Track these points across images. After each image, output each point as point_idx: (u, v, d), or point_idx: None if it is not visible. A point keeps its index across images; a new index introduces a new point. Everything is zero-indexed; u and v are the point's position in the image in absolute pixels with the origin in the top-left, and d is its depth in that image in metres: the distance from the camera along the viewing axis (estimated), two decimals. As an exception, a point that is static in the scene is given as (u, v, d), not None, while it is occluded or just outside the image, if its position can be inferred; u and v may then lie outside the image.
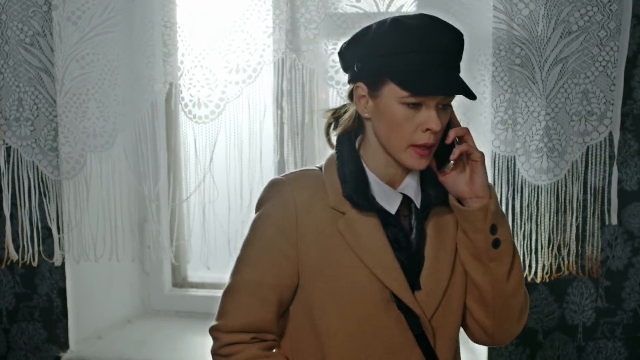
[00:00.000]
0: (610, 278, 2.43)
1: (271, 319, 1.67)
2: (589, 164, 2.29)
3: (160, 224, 2.55)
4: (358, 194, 1.62)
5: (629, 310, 2.44)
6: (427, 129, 1.54)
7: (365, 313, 1.63)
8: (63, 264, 2.63)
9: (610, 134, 2.25)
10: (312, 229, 1.64)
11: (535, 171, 2.25)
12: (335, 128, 1.73)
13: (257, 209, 1.70)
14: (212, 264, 2.52)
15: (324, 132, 1.76)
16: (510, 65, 2.20)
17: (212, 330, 1.72)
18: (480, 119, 2.27)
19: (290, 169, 2.40)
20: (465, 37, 1.59)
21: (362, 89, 1.60)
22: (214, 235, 2.52)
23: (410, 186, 1.66)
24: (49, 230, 2.58)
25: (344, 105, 1.73)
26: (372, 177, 1.66)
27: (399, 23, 1.54)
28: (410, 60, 1.51)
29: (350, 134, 1.69)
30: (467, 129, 1.61)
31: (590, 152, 2.28)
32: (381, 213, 1.63)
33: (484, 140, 2.25)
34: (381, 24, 1.56)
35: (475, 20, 2.24)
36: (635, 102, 2.34)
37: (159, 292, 2.95)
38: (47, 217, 2.57)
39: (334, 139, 1.71)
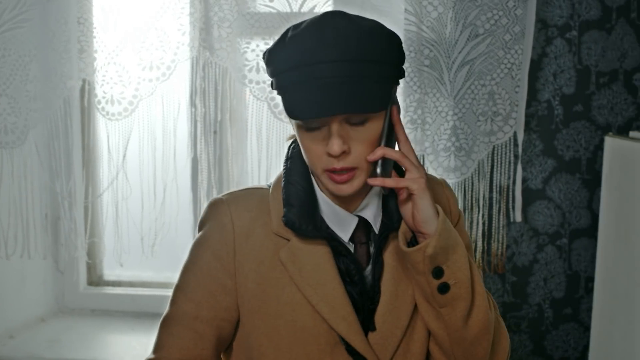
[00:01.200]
0: (516, 274, 2.51)
1: (208, 356, 1.48)
2: (495, 163, 2.38)
3: (74, 221, 2.52)
4: (302, 218, 1.41)
5: (533, 305, 2.53)
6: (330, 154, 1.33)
7: (307, 358, 1.43)
8: (-26, 262, 2.59)
9: (515, 134, 2.34)
10: (251, 257, 1.46)
11: (443, 169, 2.31)
12: None
13: (198, 231, 1.52)
14: (126, 261, 2.52)
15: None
16: (419, 66, 2.25)
17: None
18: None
19: (202, 167, 2.42)
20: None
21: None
22: (127, 233, 2.51)
23: (369, 208, 1.45)
24: (-40, 227, 2.54)
25: None
26: (322, 197, 1.46)
27: (285, 36, 1.36)
28: (290, 79, 1.32)
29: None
30: (400, 154, 1.36)
31: (496, 152, 2.37)
32: (331, 241, 1.43)
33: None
34: (279, 37, 1.39)
35: (387, 22, 2.25)
36: (540, 103, 2.44)
37: (73, 290, 2.91)
38: (-42, 214, 2.53)
39: None
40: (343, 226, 1.44)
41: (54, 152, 2.47)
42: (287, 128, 2.34)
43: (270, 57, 1.36)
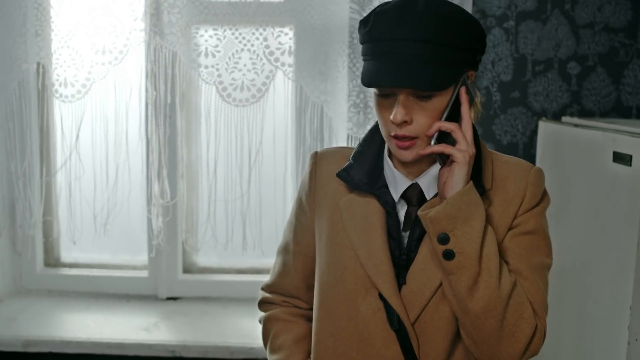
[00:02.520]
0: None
1: (298, 285, 1.73)
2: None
3: (29, 200, 2.60)
4: (360, 174, 1.57)
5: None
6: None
7: (343, 295, 1.59)
8: None
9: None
10: (325, 203, 1.63)
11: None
12: None
13: None
14: (79, 240, 2.61)
15: None
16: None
17: (261, 287, 1.81)
18: (341, 103, 2.43)
19: (153, 148, 2.53)
20: (325, 27, 1.53)
21: None
22: (80, 212, 2.60)
23: (426, 177, 1.53)
24: None
25: None
26: (387, 162, 1.58)
27: (377, 8, 1.46)
28: (367, 51, 1.45)
29: None
30: (455, 125, 1.43)
31: (435, 135, 2.48)
32: (381, 198, 1.56)
33: (341, 122, 2.41)
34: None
35: (334, 10, 2.40)
36: (479, 89, 2.53)
37: (30, 271, 2.98)
38: None
39: None
40: (396, 187, 1.55)
41: (8, 133, 2.55)
42: (235, 110, 2.46)
43: (359, 28, 1.49)
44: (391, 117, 1.42)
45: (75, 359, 2.64)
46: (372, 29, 1.43)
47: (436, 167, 1.52)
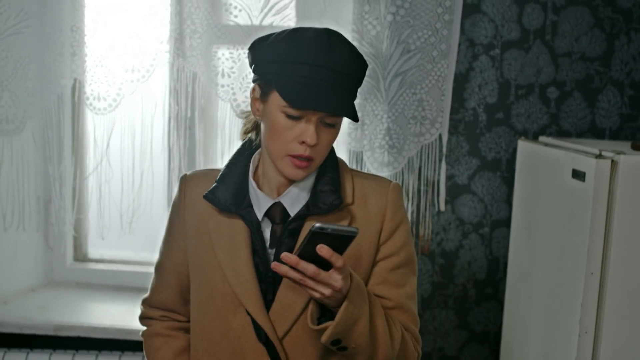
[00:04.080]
0: (444, 257, 2.85)
1: (174, 300, 1.77)
2: (423, 160, 2.72)
3: (64, 199, 2.83)
4: (226, 195, 1.62)
5: (459, 285, 2.87)
6: (303, 142, 1.50)
7: (215, 313, 1.64)
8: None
9: (440, 135, 2.70)
10: (193, 222, 1.68)
11: (379, 164, 2.66)
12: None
13: None
14: (107, 236, 2.83)
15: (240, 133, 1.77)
16: (361, 75, 2.61)
17: (141, 302, 1.85)
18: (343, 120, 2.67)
19: (174, 156, 2.77)
20: None
21: (257, 91, 1.58)
22: (108, 212, 2.83)
23: (290, 195, 1.61)
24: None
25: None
26: (251, 183, 1.64)
27: (297, 33, 1.51)
28: (297, 72, 1.47)
29: (251, 140, 1.72)
30: (340, 265, 1.40)
31: (424, 150, 2.72)
32: (246, 218, 1.61)
33: (342, 136, 2.65)
34: (282, 31, 1.54)
35: None
36: (467, 110, 2.77)
37: (61, 265, 3.15)
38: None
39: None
40: (259, 207, 1.61)
41: (47, 140, 2.77)
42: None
43: (269, 48, 1.52)
44: (307, 139, 1.48)
45: (100, 343, 2.83)
46: (299, 52, 1.47)
47: (296, 186, 1.61)
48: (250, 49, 1.59)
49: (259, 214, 1.61)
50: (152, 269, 3.03)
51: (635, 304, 2.02)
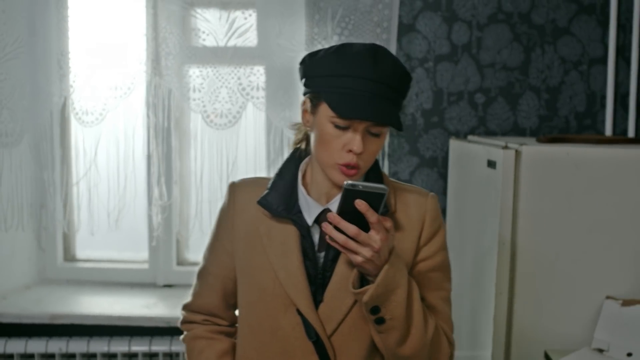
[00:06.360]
0: (391, 244, 3.15)
1: (218, 304, 1.76)
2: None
3: (56, 203, 3.10)
4: (278, 201, 1.62)
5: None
6: (350, 150, 1.50)
7: (265, 313, 1.63)
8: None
9: (383, 137, 3.02)
10: (243, 227, 1.67)
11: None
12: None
13: None
14: (96, 232, 3.13)
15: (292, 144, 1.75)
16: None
17: (182, 307, 1.83)
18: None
19: (154, 162, 3.05)
20: (285, 68, 1.80)
21: (307, 103, 1.58)
22: (97, 211, 3.13)
23: (337, 202, 1.52)
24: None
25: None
26: (301, 189, 1.64)
27: (345, 48, 1.52)
28: (344, 84, 1.48)
29: (299, 149, 1.71)
30: (374, 220, 1.43)
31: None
32: (297, 223, 1.61)
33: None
34: (331, 47, 1.55)
35: (292, 56, 2.91)
36: (406, 116, 3.04)
37: (52, 264, 3.36)
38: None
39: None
40: (309, 213, 1.62)
41: (42, 151, 3.04)
42: (216, 132, 3.00)
43: (318, 63, 1.54)
44: (354, 147, 1.49)
45: (92, 329, 3.01)
46: (350, 65, 1.49)
47: None
48: (301, 63, 1.61)
49: (309, 220, 1.62)
50: (134, 265, 3.38)
51: (541, 268, 2.33)
